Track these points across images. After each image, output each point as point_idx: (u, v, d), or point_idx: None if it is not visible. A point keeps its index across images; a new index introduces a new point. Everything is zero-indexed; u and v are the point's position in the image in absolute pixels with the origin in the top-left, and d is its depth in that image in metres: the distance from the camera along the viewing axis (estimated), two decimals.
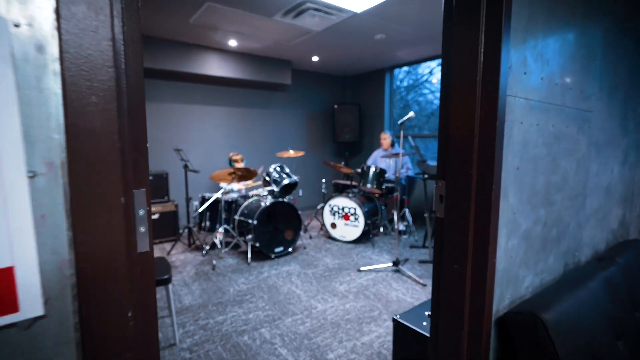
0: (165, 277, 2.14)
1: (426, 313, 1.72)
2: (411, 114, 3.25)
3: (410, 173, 5.00)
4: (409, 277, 3.28)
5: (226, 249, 3.93)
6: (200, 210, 3.64)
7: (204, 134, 5.13)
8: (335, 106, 6.17)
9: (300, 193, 6.27)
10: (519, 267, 1.21)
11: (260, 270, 3.47)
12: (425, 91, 5.84)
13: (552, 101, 1.25)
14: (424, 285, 3.11)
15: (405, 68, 6.01)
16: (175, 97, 4.84)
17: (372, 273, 3.40)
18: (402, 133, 3.31)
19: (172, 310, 2.28)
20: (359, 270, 3.46)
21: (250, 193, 4.44)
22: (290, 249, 3.94)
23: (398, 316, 1.73)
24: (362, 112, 6.35)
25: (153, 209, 4.32)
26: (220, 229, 3.79)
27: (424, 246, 4.21)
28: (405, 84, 6.12)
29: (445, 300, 1.15)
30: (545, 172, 1.27)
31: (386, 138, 5.02)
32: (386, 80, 6.01)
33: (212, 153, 5.22)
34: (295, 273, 3.41)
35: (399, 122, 3.29)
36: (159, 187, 4.44)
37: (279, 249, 3.85)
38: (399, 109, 6.16)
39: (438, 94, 5.46)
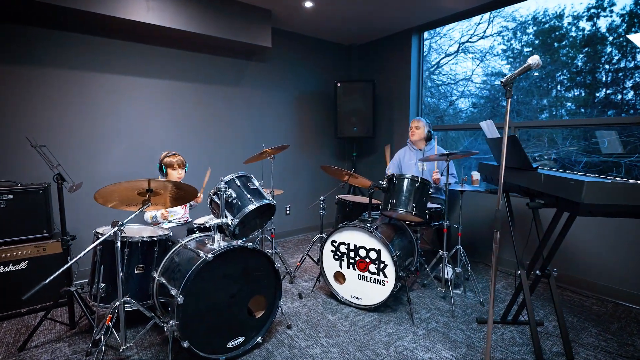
0: None
1: None
2: (533, 59, 1.36)
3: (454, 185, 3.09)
4: None
5: (131, 343, 2.00)
6: (70, 263, 1.72)
7: (129, 123, 3.20)
8: (338, 84, 4.27)
9: (288, 211, 4.35)
10: None
11: None
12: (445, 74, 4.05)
13: None
14: None
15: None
16: (80, 60, 2.91)
17: None
18: (507, 107, 1.43)
19: None
20: None
21: (197, 222, 2.60)
22: (259, 338, 2.04)
23: None
24: (376, 93, 4.45)
25: (16, 252, 2.41)
26: (117, 303, 1.87)
27: (504, 321, 2.32)
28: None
29: None
30: None
31: (419, 127, 3.21)
32: (413, 47, 4.12)
33: (142, 155, 3.28)
34: None
35: (502, 80, 1.42)
36: (31, 212, 2.52)
37: (235, 342, 1.95)
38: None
39: (456, 82, 3.56)
